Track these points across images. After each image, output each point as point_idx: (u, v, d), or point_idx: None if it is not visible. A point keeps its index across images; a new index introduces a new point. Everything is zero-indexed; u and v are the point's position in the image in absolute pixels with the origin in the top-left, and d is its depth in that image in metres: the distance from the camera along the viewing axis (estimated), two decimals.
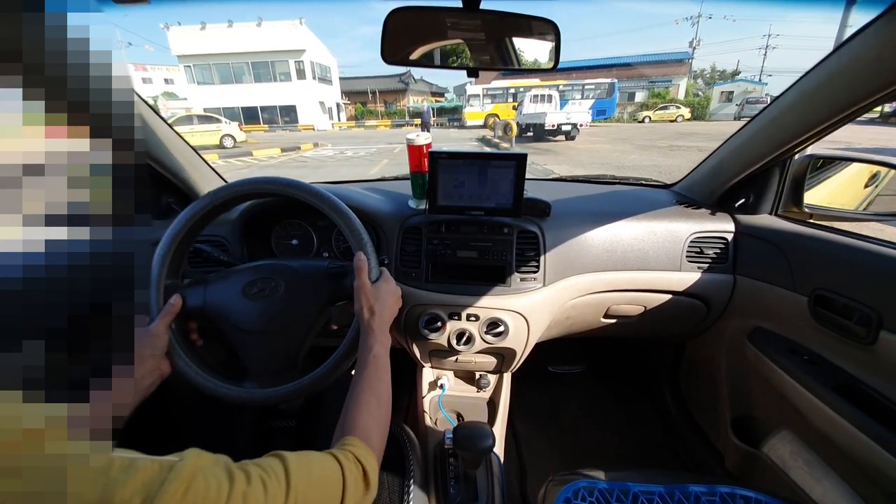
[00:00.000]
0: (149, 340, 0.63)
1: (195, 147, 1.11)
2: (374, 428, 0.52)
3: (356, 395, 0.55)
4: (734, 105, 26.80)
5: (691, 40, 33.79)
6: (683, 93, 30.53)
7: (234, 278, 0.73)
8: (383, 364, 0.60)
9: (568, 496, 0.66)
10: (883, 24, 0.59)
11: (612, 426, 1.48)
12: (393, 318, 0.68)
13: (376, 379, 0.57)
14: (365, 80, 38.94)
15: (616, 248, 1.03)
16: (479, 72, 0.79)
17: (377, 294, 0.65)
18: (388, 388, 0.59)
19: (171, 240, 0.69)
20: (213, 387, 0.66)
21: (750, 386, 1.08)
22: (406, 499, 0.74)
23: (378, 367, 0.59)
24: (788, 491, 0.92)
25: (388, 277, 0.70)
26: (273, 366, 0.69)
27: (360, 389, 0.55)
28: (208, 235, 1.00)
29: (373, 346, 0.61)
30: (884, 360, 0.71)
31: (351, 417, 0.52)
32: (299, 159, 11.43)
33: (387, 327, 0.65)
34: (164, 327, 0.65)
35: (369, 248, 0.69)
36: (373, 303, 0.64)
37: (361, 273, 0.66)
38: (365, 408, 0.53)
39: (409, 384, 1.30)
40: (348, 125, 30.76)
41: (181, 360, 0.66)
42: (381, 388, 0.57)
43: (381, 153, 11.94)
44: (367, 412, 0.53)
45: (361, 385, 0.56)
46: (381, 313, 0.64)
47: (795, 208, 1.01)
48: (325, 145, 15.16)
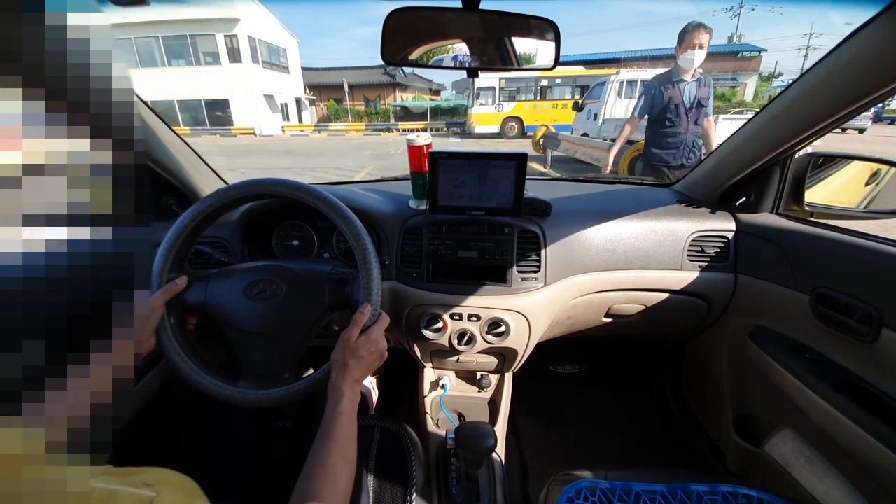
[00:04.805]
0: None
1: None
2: (338, 492, 0.49)
3: (321, 457, 0.52)
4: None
5: (731, 35, 29.10)
6: (752, 95, 23.50)
7: (236, 277, 0.72)
8: (350, 422, 0.57)
9: (570, 496, 0.66)
10: (883, 22, 0.59)
11: (614, 426, 1.48)
12: (367, 375, 0.65)
13: (342, 437, 0.55)
14: (338, 71, 28.95)
15: (617, 248, 1.02)
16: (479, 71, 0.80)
17: (356, 351, 0.63)
18: (354, 446, 0.56)
19: (175, 238, 0.69)
20: (205, 382, 0.66)
21: (751, 384, 1.08)
22: (408, 499, 0.74)
23: (343, 425, 0.56)
24: (790, 489, 0.91)
25: (373, 333, 0.65)
26: (269, 368, 0.69)
27: (324, 450, 0.52)
28: (209, 237, 1.00)
29: (339, 403, 0.58)
30: (885, 358, 0.70)
31: (313, 481, 0.49)
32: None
33: (357, 385, 0.63)
34: (161, 303, 0.65)
35: (375, 290, 0.66)
36: (348, 358, 0.62)
37: (354, 327, 0.64)
38: (331, 471, 0.50)
39: (411, 384, 1.30)
40: (302, 128, 21.60)
41: (166, 336, 0.66)
42: (348, 447, 0.55)
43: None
44: (333, 476, 0.50)
45: (328, 445, 0.53)
46: (352, 370, 0.62)
47: (796, 206, 1.01)
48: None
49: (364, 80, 27.95)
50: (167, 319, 0.66)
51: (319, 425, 0.56)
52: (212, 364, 0.70)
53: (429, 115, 24.07)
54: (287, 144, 15.32)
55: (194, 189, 1.08)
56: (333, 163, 10.02)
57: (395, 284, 1.01)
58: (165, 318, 0.66)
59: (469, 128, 15.20)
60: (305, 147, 14.13)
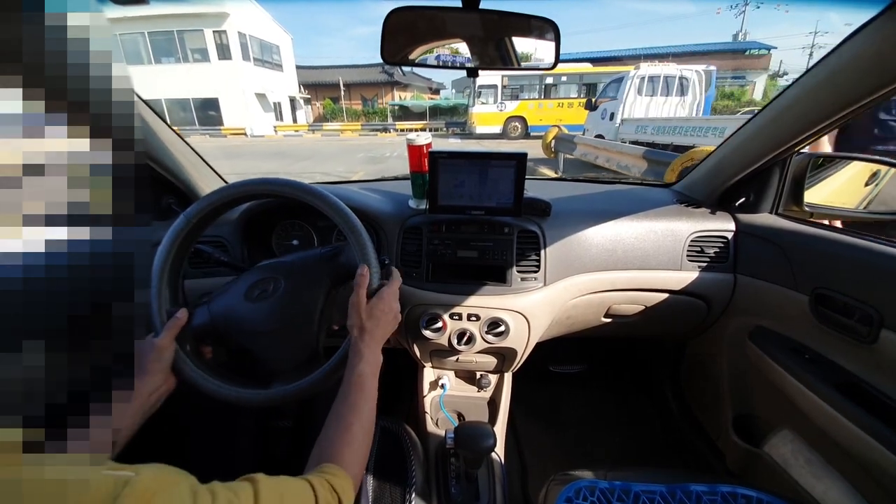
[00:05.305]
0: (155, 354, 0.62)
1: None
2: (355, 455, 0.50)
3: (338, 419, 0.52)
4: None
5: (735, 33, 29.18)
6: (762, 93, 22.79)
7: (234, 288, 0.73)
8: (369, 385, 0.57)
9: (569, 495, 0.66)
10: (883, 22, 0.59)
11: (614, 426, 1.48)
12: (386, 336, 0.66)
13: (360, 400, 0.55)
14: (335, 69, 28.13)
15: (616, 248, 1.03)
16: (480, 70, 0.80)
17: (371, 311, 0.63)
18: (373, 411, 0.56)
19: (174, 238, 0.69)
20: (245, 395, 0.65)
21: (751, 385, 1.08)
22: (408, 498, 0.74)
23: (363, 387, 0.56)
24: (789, 490, 0.92)
25: (385, 294, 0.66)
26: (296, 359, 0.69)
27: (342, 412, 0.53)
28: (209, 236, 1.00)
29: (357, 364, 0.58)
30: (885, 359, 0.71)
31: (331, 442, 0.49)
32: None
33: (377, 346, 0.63)
34: (170, 340, 0.64)
35: (370, 253, 0.68)
36: (364, 320, 0.62)
37: (359, 288, 0.64)
38: (346, 432, 0.51)
39: (410, 384, 1.30)
40: (296, 128, 20.92)
41: (188, 367, 0.65)
42: (365, 410, 0.55)
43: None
44: (349, 437, 0.50)
45: (344, 407, 0.53)
46: (371, 331, 0.62)
47: (796, 207, 1.01)
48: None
49: (361, 78, 27.14)
50: (181, 352, 0.66)
51: (322, 424, 0.55)
52: (238, 376, 0.69)
53: (428, 115, 23.63)
54: (278, 145, 14.72)
55: (194, 189, 1.08)
56: (322, 167, 9.27)
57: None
58: (179, 350, 0.65)
59: (470, 128, 14.50)
60: (296, 148, 13.44)
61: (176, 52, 17.16)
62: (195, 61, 17.30)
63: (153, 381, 0.61)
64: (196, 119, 18.38)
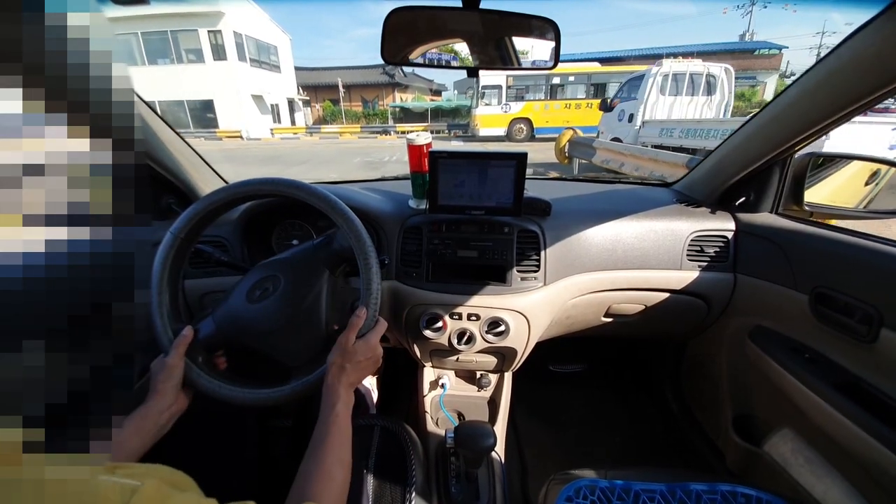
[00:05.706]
0: (165, 373, 0.62)
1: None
2: (335, 495, 0.50)
3: (317, 459, 0.52)
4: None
5: (742, 33, 28.45)
6: (772, 94, 18.76)
7: (235, 292, 0.73)
8: (345, 424, 0.58)
9: (569, 495, 0.66)
10: (883, 22, 0.59)
11: (614, 425, 1.48)
12: (362, 379, 0.66)
13: (338, 443, 0.56)
14: (335, 71, 27.09)
15: (616, 248, 1.03)
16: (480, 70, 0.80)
17: (353, 355, 0.63)
18: (349, 448, 0.57)
19: (174, 238, 0.69)
20: (262, 396, 0.65)
21: (751, 384, 1.08)
22: (408, 498, 0.74)
23: (339, 426, 0.57)
24: (789, 489, 0.92)
25: (371, 339, 0.66)
26: (311, 350, 0.69)
27: (321, 452, 0.53)
28: (209, 236, 1.00)
29: (335, 404, 0.59)
30: (885, 358, 0.71)
31: (311, 483, 0.49)
32: None
33: (352, 388, 0.63)
34: (179, 358, 0.64)
35: (374, 290, 0.66)
36: (345, 362, 0.62)
37: (351, 330, 0.64)
38: (327, 473, 0.51)
39: (410, 384, 1.30)
40: (294, 131, 20.26)
41: (202, 379, 0.65)
42: (343, 450, 0.56)
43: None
44: (329, 477, 0.51)
45: (323, 449, 0.54)
46: (349, 373, 0.62)
47: (796, 206, 1.01)
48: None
49: (361, 80, 26.42)
50: (193, 366, 0.66)
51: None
52: (254, 379, 0.69)
53: (429, 117, 23.31)
54: (274, 149, 14.22)
55: (194, 188, 1.08)
56: (316, 172, 8.71)
57: (395, 284, 1.01)
58: (191, 364, 0.66)
59: (473, 130, 13.75)
60: (292, 152, 13.05)
61: (170, 53, 16.73)
62: (190, 62, 16.86)
63: (164, 400, 0.61)
64: (191, 121, 17.91)
